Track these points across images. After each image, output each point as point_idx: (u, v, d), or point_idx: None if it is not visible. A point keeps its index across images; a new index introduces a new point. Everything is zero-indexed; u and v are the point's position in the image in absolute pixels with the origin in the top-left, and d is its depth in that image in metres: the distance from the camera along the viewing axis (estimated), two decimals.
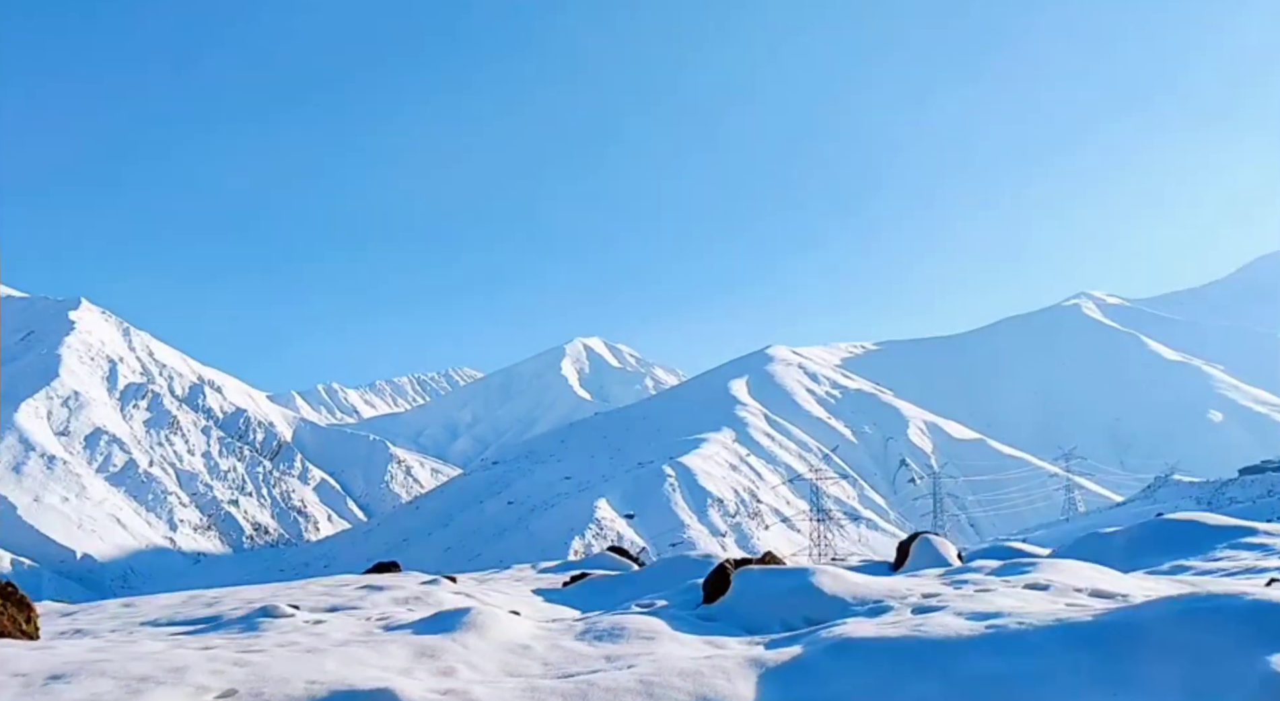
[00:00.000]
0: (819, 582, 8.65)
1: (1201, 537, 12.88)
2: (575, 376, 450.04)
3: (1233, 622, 5.67)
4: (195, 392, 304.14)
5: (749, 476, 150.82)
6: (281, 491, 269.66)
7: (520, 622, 7.85)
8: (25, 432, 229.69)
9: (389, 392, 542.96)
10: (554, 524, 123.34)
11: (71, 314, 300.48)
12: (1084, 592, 8.43)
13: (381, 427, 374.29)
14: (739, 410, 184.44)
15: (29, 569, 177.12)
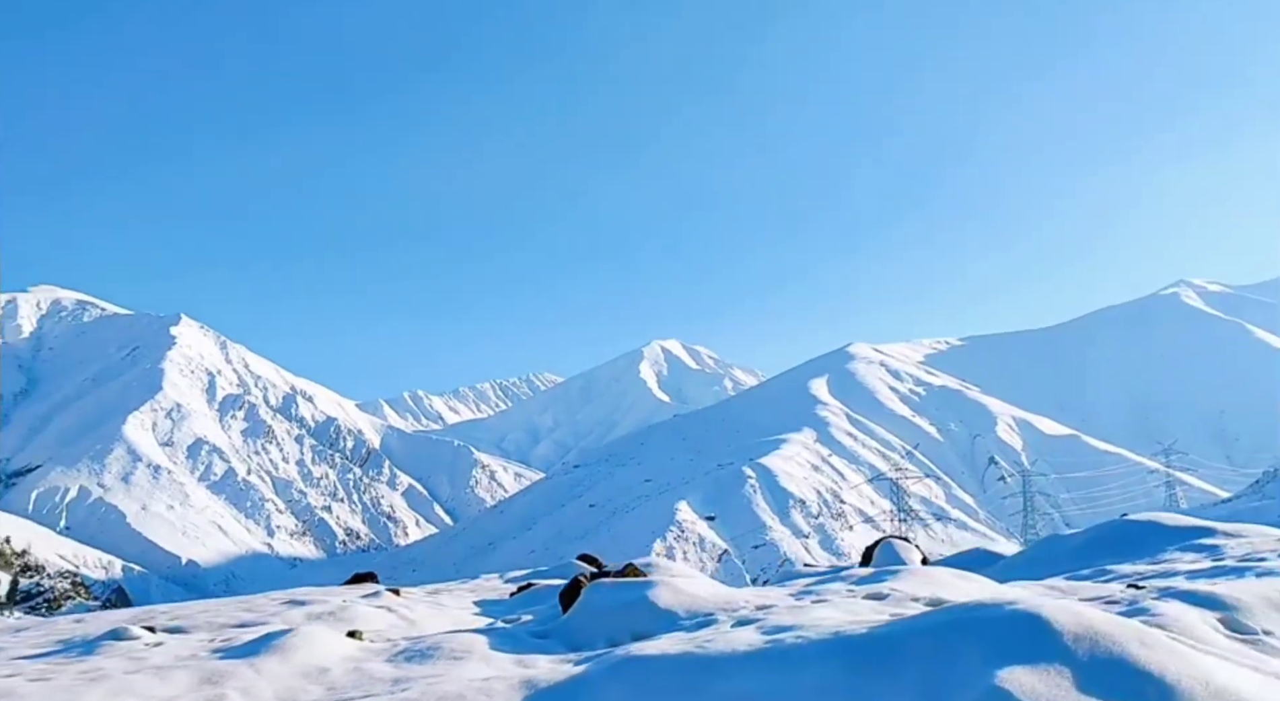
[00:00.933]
0: (655, 596, 8.47)
1: (1155, 539, 12.54)
2: (654, 379, 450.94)
3: (976, 635, 5.48)
4: (288, 402, 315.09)
5: (831, 477, 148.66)
6: (371, 497, 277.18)
7: (341, 644, 7.80)
8: (133, 444, 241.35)
9: (472, 398, 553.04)
10: (635, 526, 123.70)
11: (172, 329, 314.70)
12: (920, 602, 8.21)
13: (465, 433, 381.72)
14: (819, 410, 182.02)
15: (139, 575, 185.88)
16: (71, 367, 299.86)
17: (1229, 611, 6.72)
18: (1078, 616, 5.52)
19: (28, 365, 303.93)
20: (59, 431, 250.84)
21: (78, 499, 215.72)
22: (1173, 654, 5.16)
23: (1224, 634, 6.38)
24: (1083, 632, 5.33)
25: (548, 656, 7.41)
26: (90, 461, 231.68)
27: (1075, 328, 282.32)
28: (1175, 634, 5.95)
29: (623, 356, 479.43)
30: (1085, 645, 5.21)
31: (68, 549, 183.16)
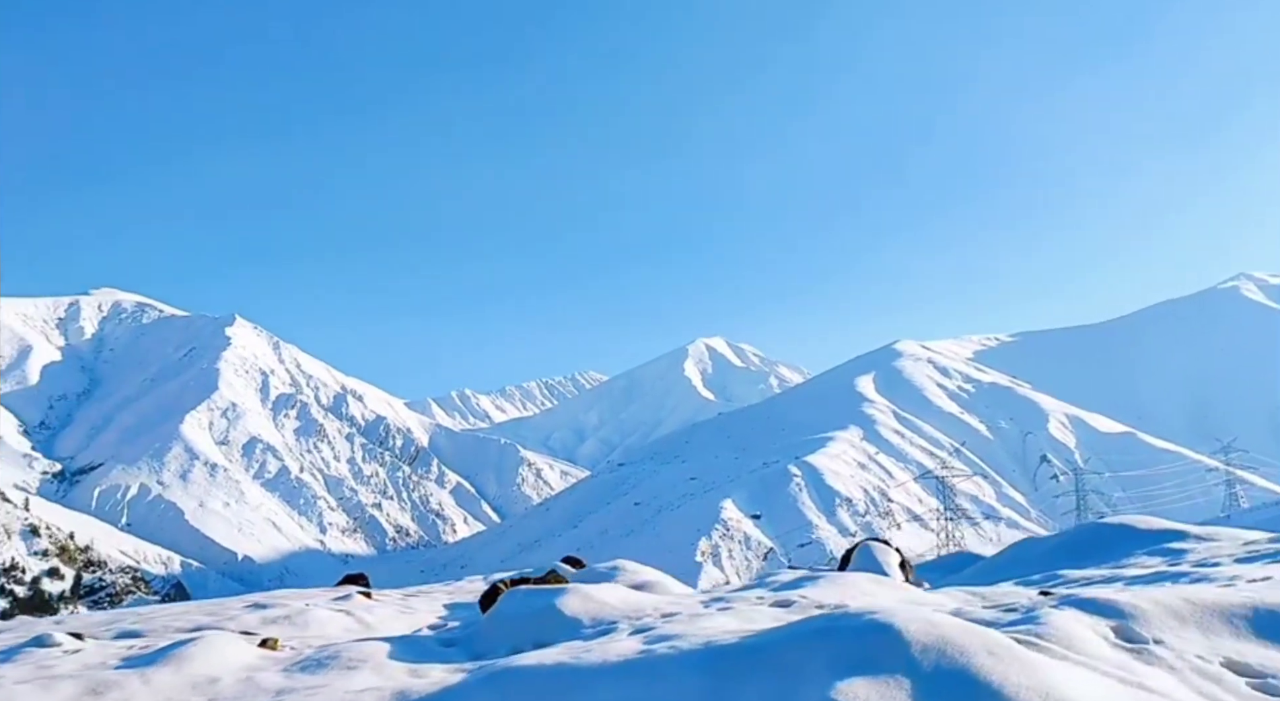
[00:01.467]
0: (562, 604, 8.37)
1: (1124, 543, 12.40)
2: (698, 377, 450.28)
3: (827, 646, 5.49)
4: (339, 401, 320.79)
5: (878, 475, 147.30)
6: (420, 495, 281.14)
7: (243, 654, 7.81)
8: (190, 442, 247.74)
9: (518, 397, 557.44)
10: (680, 524, 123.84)
11: (227, 330, 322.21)
12: (824, 610, 8.20)
13: (512, 431, 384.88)
14: (866, 407, 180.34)
15: (197, 570, 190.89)
16: (131, 368, 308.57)
17: (1124, 619, 6.66)
18: (931, 627, 5.53)
19: (90, 366, 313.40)
20: (120, 430, 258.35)
21: (138, 496, 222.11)
22: (1019, 664, 5.17)
23: (1111, 642, 6.34)
24: (932, 643, 5.36)
25: (445, 666, 7.32)
26: (150, 459, 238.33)
27: (1130, 323, 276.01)
28: (1049, 643, 5.93)
29: (667, 354, 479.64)
30: (932, 656, 5.25)
31: (129, 545, 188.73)
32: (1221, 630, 6.58)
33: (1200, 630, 6.55)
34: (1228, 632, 6.56)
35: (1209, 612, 6.75)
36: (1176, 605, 6.83)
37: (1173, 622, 6.60)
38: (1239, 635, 6.53)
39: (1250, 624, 6.63)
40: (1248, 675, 6.02)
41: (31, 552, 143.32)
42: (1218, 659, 6.20)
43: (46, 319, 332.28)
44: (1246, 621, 6.65)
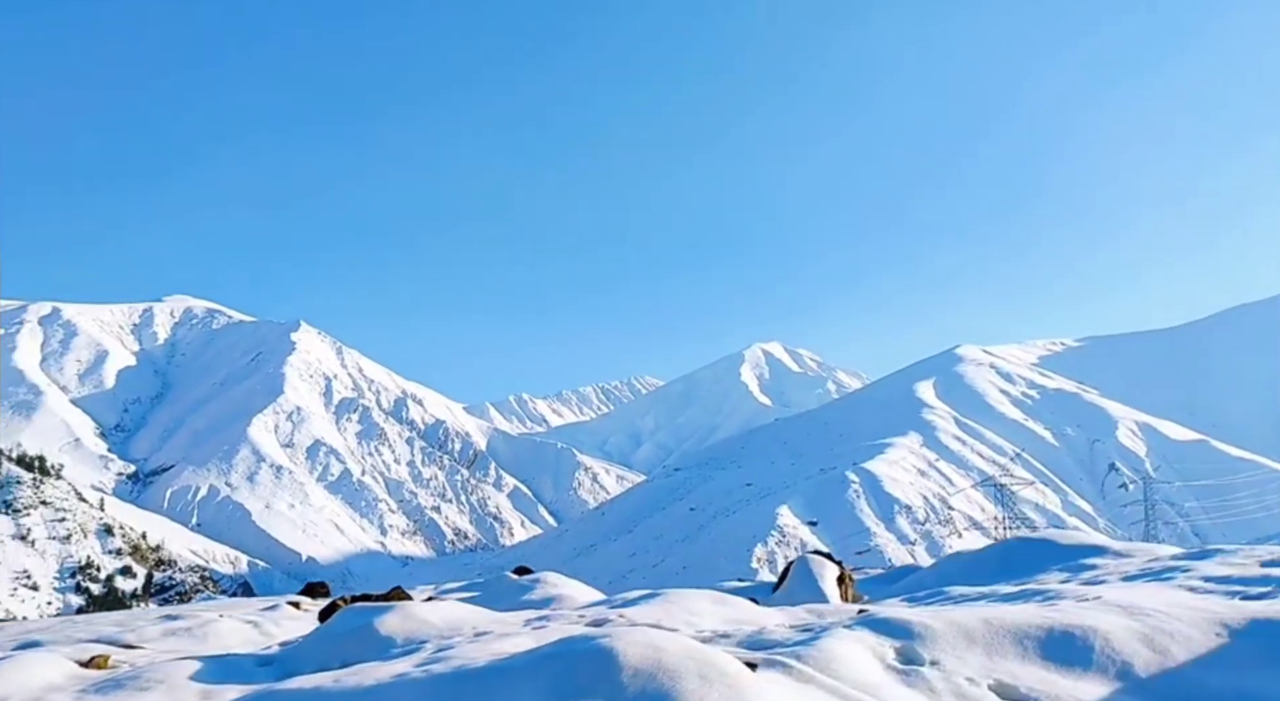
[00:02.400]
0: (380, 622, 8.35)
1: (1041, 559, 12.26)
2: (755, 382, 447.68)
3: (549, 670, 5.56)
4: (400, 405, 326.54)
5: (938, 482, 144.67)
6: (479, 498, 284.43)
7: (49, 674, 7.74)
8: (257, 445, 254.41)
9: (575, 402, 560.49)
10: (735, 530, 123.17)
11: (292, 335, 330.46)
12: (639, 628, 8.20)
13: (569, 436, 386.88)
14: (926, 413, 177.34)
15: (263, 570, 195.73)
16: (201, 372, 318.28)
17: (912, 640, 6.70)
18: (653, 651, 5.61)
19: (163, 370, 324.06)
20: (191, 433, 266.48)
21: (207, 497, 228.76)
22: (725, 689, 5.27)
23: (886, 664, 6.37)
24: (645, 668, 5.46)
25: (242, 686, 7.29)
26: (219, 461, 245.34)
27: (1203, 327, 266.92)
28: (802, 665, 5.98)
29: (724, 359, 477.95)
30: (640, 681, 5.36)
31: (199, 544, 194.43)
32: (1008, 651, 6.60)
33: (986, 651, 6.57)
34: (1013, 654, 6.57)
35: (1002, 633, 6.77)
36: (972, 625, 6.84)
37: (960, 643, 6.64)
38: (1024, 656, 6.54)
39: (1039, 645, 6.64)
40: (1012, 698, 6.06)
41: (106, 551, 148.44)
42: (988, 681, 6.19)
43: (122, 325, 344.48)
44: (1037, 642, 6.66)
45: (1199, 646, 6.55)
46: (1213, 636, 6.66)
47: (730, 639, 7.49)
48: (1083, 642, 6.59)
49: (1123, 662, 6.39)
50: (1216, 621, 6.88)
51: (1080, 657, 6.46)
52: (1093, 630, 6.71)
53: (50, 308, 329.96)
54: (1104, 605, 7.58)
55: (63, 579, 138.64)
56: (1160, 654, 6.44)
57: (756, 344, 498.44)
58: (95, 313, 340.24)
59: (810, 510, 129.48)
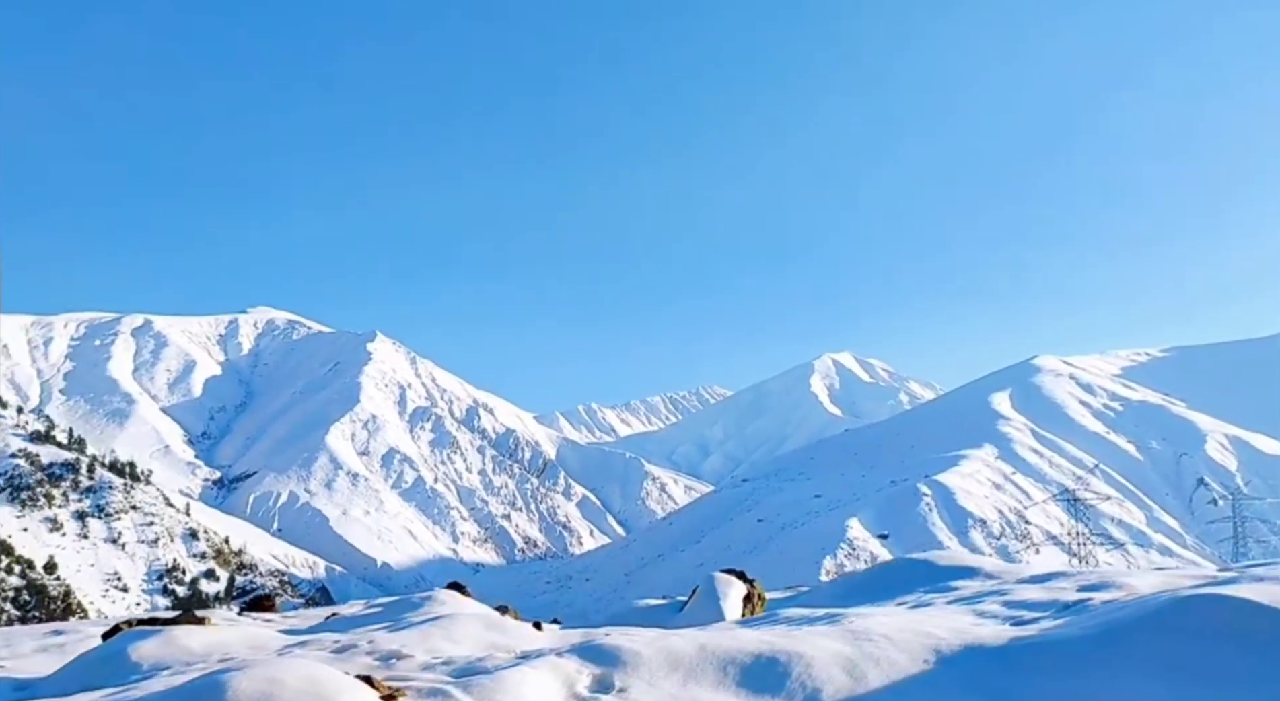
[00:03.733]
0: (135, 648, 8.34)
1: (916, 579, 12.16)
2: (825, 392, 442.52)
3: None
4: (471, 414, 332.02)
5: (1014, 495, 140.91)
6: (548, 507, 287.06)
7: None
8: (334, 453, 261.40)
9: (643, 411, 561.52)
10: (804, 542, 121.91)
11: (368, 345, 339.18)
12: (373, 656, 8.27)
13: (637, 446, 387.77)
14: (1002, 425, 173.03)
15: (340, 575, 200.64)
16: (282, 381, 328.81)
17: (613, 667, 6.78)
18: (267, 684, 5.71)
19: (246, 379, 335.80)
20: (272, 440, 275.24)
21: (287, 503, 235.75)
22: None
23: (573, 691, 6.47)
24: (255, 695, 5.59)
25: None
26: (298, 468, 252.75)
27: None
28: (469, 694, 6.04)
29: (793, 369, 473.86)
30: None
31: (279, 549, 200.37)
32: (706, 678, 6.73)
33: (684, 678, 6.71)
34: (710, 681, 6.70)
35: (710, 660, 6.91)
36: (684, 652, 6.98)
37: (662, 671, 6.79)
38: (720, 683, 6.67)
39: (741, 671, 6.79)
40: None
41: (191, 555, 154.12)
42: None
43: (209, 336, 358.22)
44: (739, 669, 6.79)
45: (899, 672, 6.71)
46: (920, 663, 6.83)
47: (449, 666, 7.69)
48: (783, 669, 6.76)
49: (813, 688, 6.57)
50: (932, 648, 7.03)
51: (774, 684, 6.64)
52: (798, 656, 6.89)
53: (142, 320, 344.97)
54: (838, 630, 7.74)
55: (151, 581, 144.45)
56: (855, 680, 6.61)
57: (827, 353, 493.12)
58: (184, 324, 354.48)
59: (881, 523, 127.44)
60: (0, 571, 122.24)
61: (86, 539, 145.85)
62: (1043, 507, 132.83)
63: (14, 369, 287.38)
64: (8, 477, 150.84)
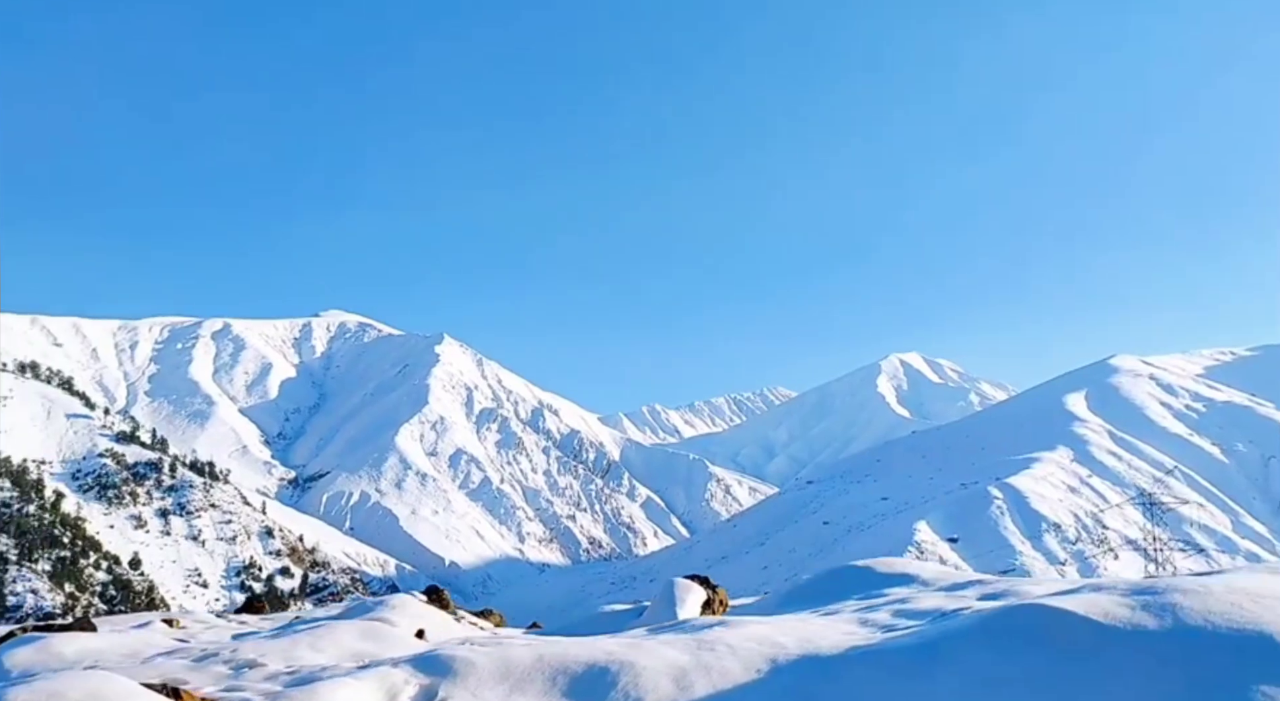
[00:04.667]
0: (9, 656, 8.48)
1: (854, 585, 12.14)
2: (892, 393, 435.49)
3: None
4: (536, 416, 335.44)
5: (1091, 499, 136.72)
6: (612, 507, 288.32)
7: None
8: (404, 453, 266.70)
9: (707, 412, 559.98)
10: (871, 545, 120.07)
11: (436, 348, 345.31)
12: (230, 664, 8.46)
13: (701, 447, 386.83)
14: (1077, 427, 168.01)
15: (410, 573, 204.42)
16: (354, 383, 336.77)
17: (443, 677, 6.82)
18: (46, 696, 5.81)
19: (319, 381, 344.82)
20: (344, 441, 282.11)
21: (359, 502, 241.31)
22: None
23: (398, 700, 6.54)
24: None
25: None
26: (369, 468, 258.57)
27: None
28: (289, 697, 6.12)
29: (859, 370, 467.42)
30: None
31: (351, 547, 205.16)
32: (534, 688, 6.82)
33: (511, 688, 6.80)
34: (536, 691, 6.77)
35: (543, 670, 7.01)
36: (519, 662, 7.06)
37: (492, 680, 6.86)
38: (546, 693, 6.76)
39: (571, 681, 6.88)
40: None
41: (267, 552, 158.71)
42: None
43: (284, 339, 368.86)
44: (570, 679, 6.88)
45: (727, 681, 6.79)
46: (751, 672, 6.92)
47: (290, 676, 7.93)
48: (611, 679, 6.83)
49: (636, 698, 6.63)
50: (770, 657, 7.12)
51: (599, 694, 6.71)
52: (630, 666, 6.95)
53: (221, 323, 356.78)
54: (689, 639, 7.83)
55: (229, 577, 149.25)
56: (681, 689, 6.70)
57: (894, 354, 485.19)
58: (260, 327, 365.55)
59: (950, 526, 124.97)
60: (89, 567, 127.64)
61: (169, 536, 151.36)
62: (1120, 512, 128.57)
63: (102, 372, 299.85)
64: (95, 476, 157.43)
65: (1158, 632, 6.32)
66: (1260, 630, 6.08)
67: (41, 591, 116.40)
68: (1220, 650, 5.99)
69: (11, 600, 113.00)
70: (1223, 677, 5.75)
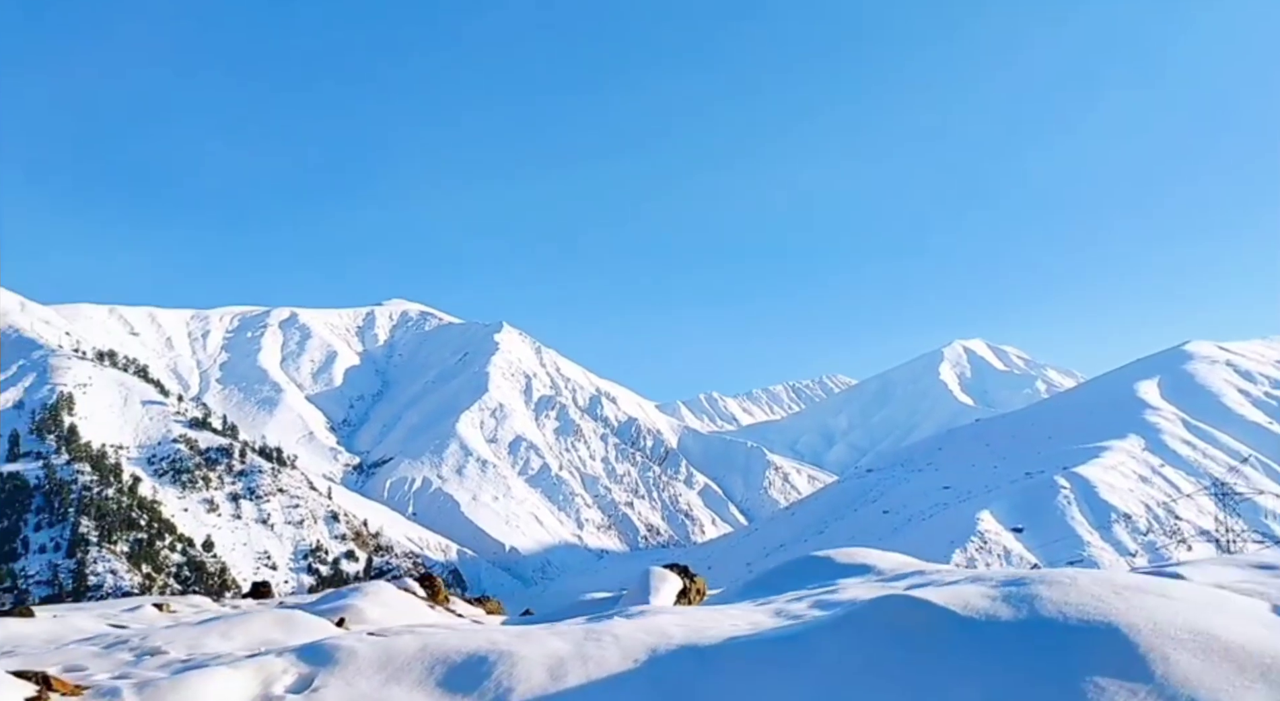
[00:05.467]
0: None
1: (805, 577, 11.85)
2: (955, 381, 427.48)
3: None
4: (594, 403, 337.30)
5: (1163, 489, 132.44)
6: (670, 495, 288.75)
7: None
8: (464, 440, 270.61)
9: (765, 400, 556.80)
10: (932, 535, 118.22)
11: (496, 336, 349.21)
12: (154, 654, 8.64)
13: (759, 435, 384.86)
14: (1149, 415, 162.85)
15: (471, 559, 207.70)
16: (416, 371, 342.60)
17: (322, 666, 6.79)
18: None
19: (382, 369, 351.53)
20: (407, 428, 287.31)
21: (421, 488, 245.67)
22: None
23: (263, 693, 6.56)
24: None
25: None
26: (431, 455, 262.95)
27: None
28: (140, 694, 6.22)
29: (921, 357, 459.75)
30: None
31: (414, 532, 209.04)
32: (410, 678, 6.77)
33: (388, 677, 6.79)
34: (411, 681, 6.74)
35: (424, 659, 6.98)
36: (401, 650, 7.01)
37: (370, 669, 6.84)
38: (419, 683, 6.73)
39: (449, 670, 6.96)
40: None
41: (333, 536, 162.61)
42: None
43: (349, 327, 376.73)
44: (448, 668, 6.91)
45: (601, 671, 6.82)
46: (629, 662, 7.01)
47: (185, 663, 8.04)
48: (488, 668, 6.84)
49: (507, 688, 6.62)
50: (650, 647, 7.17)
51: (472, 684, 6.70)
52: (509, 656, 6.96)
53: (289, 312, 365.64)
54: (580, 630, 7.86)
55: (297, 560, 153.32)
56: (554, 680, 6.72)
57: (957, 341, 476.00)
58: (325, 317, 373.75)
59: (1014, 516, 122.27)
60: (165, 548, 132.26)
61: (239, 519, 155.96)
62: (1194, 502, 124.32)
63: (176, 360, 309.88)
64: (170, 461, 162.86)
65: (1010, 624, 6.19)
66: (1108, 622, 5.90)
67: (120, 571, 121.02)
68: (1064, 642, 5.86)
69: (93, 580, 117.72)
70: (1058, 669, 5.62)
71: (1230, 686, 5.17)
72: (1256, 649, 5.51)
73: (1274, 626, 6.01)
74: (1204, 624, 5.79)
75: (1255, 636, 5.72)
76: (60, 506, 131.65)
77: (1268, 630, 5.89)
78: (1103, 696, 5.27)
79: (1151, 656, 5.49)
